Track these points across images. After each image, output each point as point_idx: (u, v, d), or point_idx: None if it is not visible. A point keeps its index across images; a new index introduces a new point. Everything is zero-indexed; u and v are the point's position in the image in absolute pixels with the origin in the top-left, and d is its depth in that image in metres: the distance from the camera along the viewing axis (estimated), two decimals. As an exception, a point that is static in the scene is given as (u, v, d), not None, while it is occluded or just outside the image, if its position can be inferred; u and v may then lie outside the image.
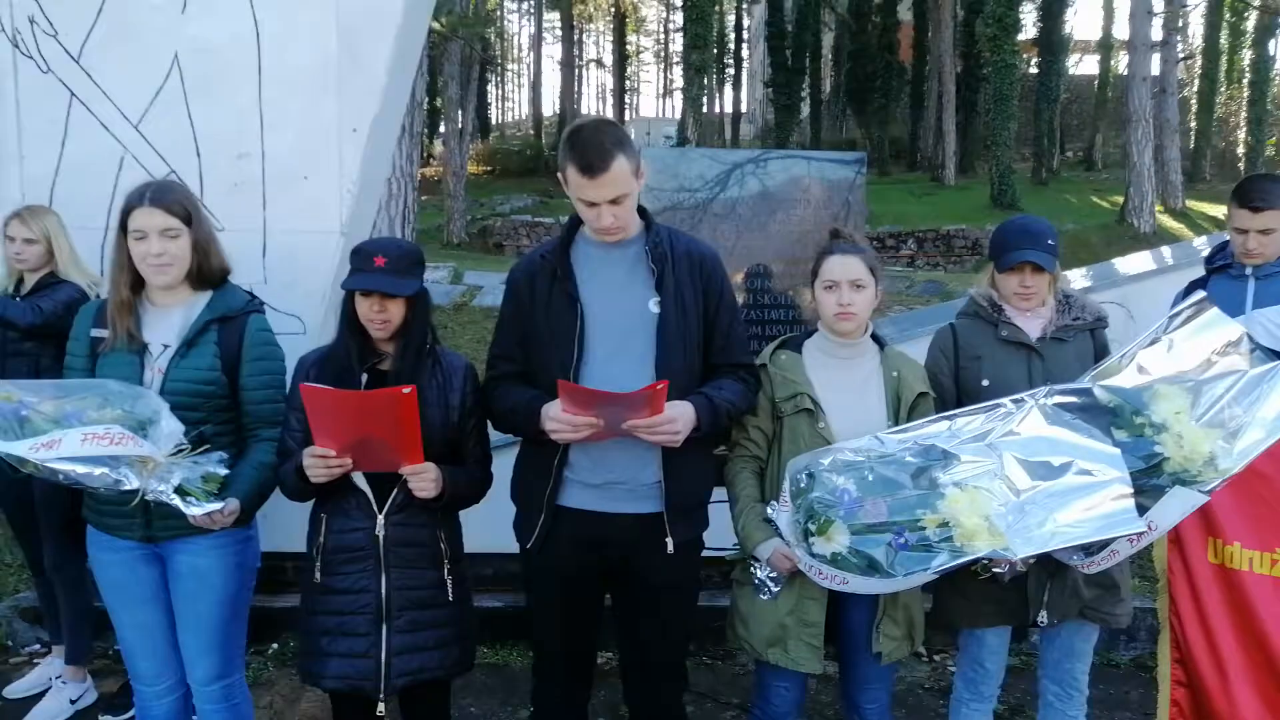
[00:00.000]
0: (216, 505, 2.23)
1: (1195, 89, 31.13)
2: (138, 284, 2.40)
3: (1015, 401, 2.26)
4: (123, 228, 2.38)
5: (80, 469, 2.11)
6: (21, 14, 3.66)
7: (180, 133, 3.76)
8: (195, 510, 2.20)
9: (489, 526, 2.63)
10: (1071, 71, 32.48)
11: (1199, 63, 31.06)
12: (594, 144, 2.21)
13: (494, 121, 46.20)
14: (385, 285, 2.23)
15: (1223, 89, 30.63)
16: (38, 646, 3.97)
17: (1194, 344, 2.27)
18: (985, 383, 2.53)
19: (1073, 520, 2.06)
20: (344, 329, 2.33)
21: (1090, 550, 2.19)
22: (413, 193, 13.40)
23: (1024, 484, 2.14)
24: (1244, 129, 28.97)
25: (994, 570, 2.25)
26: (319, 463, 2.18)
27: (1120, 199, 20.81)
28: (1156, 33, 21.02)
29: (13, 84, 3.71)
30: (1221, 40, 30.05)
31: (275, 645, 3.92)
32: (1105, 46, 32.17)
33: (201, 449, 2.28)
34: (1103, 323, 2.63)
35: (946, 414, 2.33)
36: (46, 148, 3.74)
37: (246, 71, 3.73)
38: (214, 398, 2.39)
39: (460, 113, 21.17)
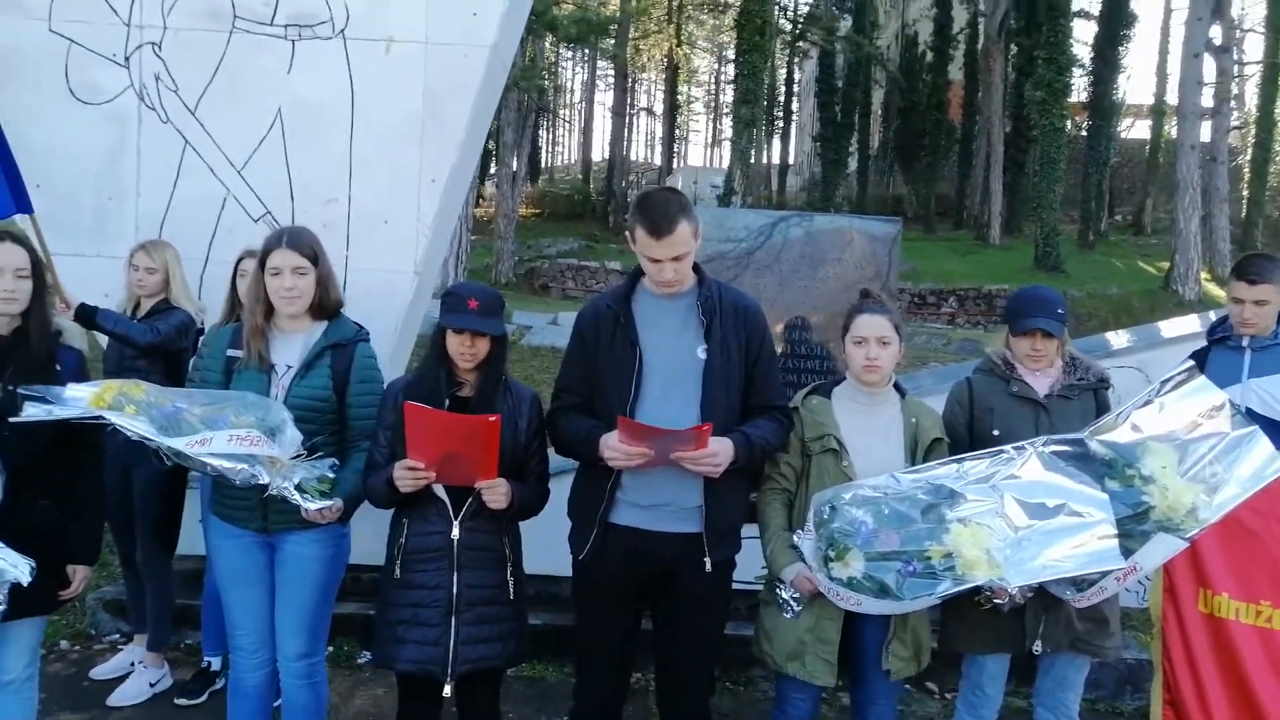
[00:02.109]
0: (328, 502, 2.62)
1: (1249, 157, 30.98)
2: (268, 313, 2.81)
3: (1017, 448, 2.56)
4: (261, 265, 2.79)
5: (226, 464, 2.51)
6: (149, 72, 4.13)
7: (278, 178, 4.19)
8: (310, 505, 2.59)
9: (535, 548, 2.93)
10: (1124, 135, 32.52)
11: (1253, 131, 30.95)
12: (661, 210, 2.57)
13: (544, 165, 47.25)
14: (478, 325, 2.59)
15: (1277, 158, 30.44)
16: (117, 636, 4.34)
17: (1182, 407, 2.54)
18: (996, 433, 2.82)
19: (1062, 556, 2.34)
20: (433, 359, 2.69)
21: (1081, 585, 2.44)
22: (466, 233, 13.88)
23: (1022, 522, 2.42)
24: (1298, 199, 28.76)
25: (995, 601, 2.51)
26: (409, 474, 2.52)
27: (1167, 265, 20.82)
28: (1207, 100, 21.14)
29: (136, 132, 4.17)
30: (1277, 109, 29.95)
31: (332, 648, 4.24)
32: (1158, 112, 32.19)
33: (316, 455, 2.67)
34: (1105, 384, 2.91)
35: (956, 457, 2.62)
36: (160, 188, 4.19)
37: (340, 125, 4.16)
38: (325, 413, 2.78)
39: (514, 157, 21.84)
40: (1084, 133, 27.58)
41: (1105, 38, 26.46)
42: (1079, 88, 27.13)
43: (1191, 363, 2.67)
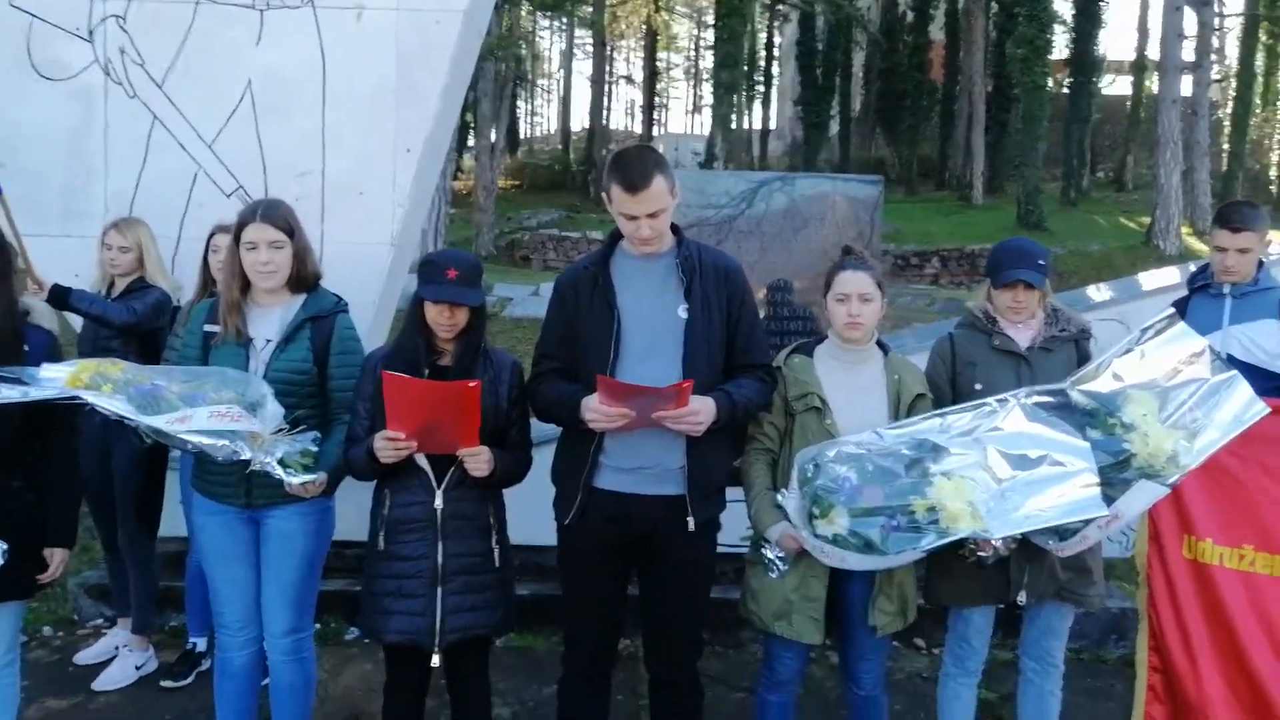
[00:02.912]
0: (310, 477, 2.60)
1: (1229, 111, 31.00)
2: (245, 287, 2.77)
3: (1000, 400, 2.55)
4: (236, 240, 2.75)
5: (207, 440, 2.49)
6: (114, 45, 4.05)
7: (249, 152, 4.13)
8: (294, 479, 2.57)
9: (519, 519, 2.92)
10: (1104, 92, 32.43)
11: (1233, 85, 30.95)
12: (637, 165, 2.55)
13: (522, 136, 46.81)
14: (457, 295, 2.57)
15: (1257, 111, 30.49)
16: (100, 621, 4.33)
17: (1163, 354, 2.54)
18: (979, 387, 2.81)
19: (1045, 506, 2.35)
20: (411, 329, 2.66)
21: (1064, 535, 2.45)
22: (445, 206, 13.77)
23: (1004, 473, 2.42)
24: (1277, 151, 28.82)
25: (979, 554, 2.52)
26: (389, 445, 2.50)
27: (1148, 220, 20.88)
28: (1188, 55, 21.09)
29: (102, 108, 4.10)
30: (1257, 62, 29.94)
31: (317, 625, 4.23)
32: (1139, 67, 32.07)
33: (298, 429, 2.64)
34: (1086, 335, 2.91)
35: (939, 411, 2.62)
36: (129, 165, 4.12)
37: (312, 97, 4.10)
38: (306, 385, 2.76)
39: (492, 129, 21.63)
40: (1065, 90, 27.47)
41: (1085, -8, 26.31)
42: (1060, 44, 27.01)
43: (1172, 310, 2.67)
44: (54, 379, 2.52)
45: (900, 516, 2.37)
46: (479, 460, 2.55)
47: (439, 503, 2.61)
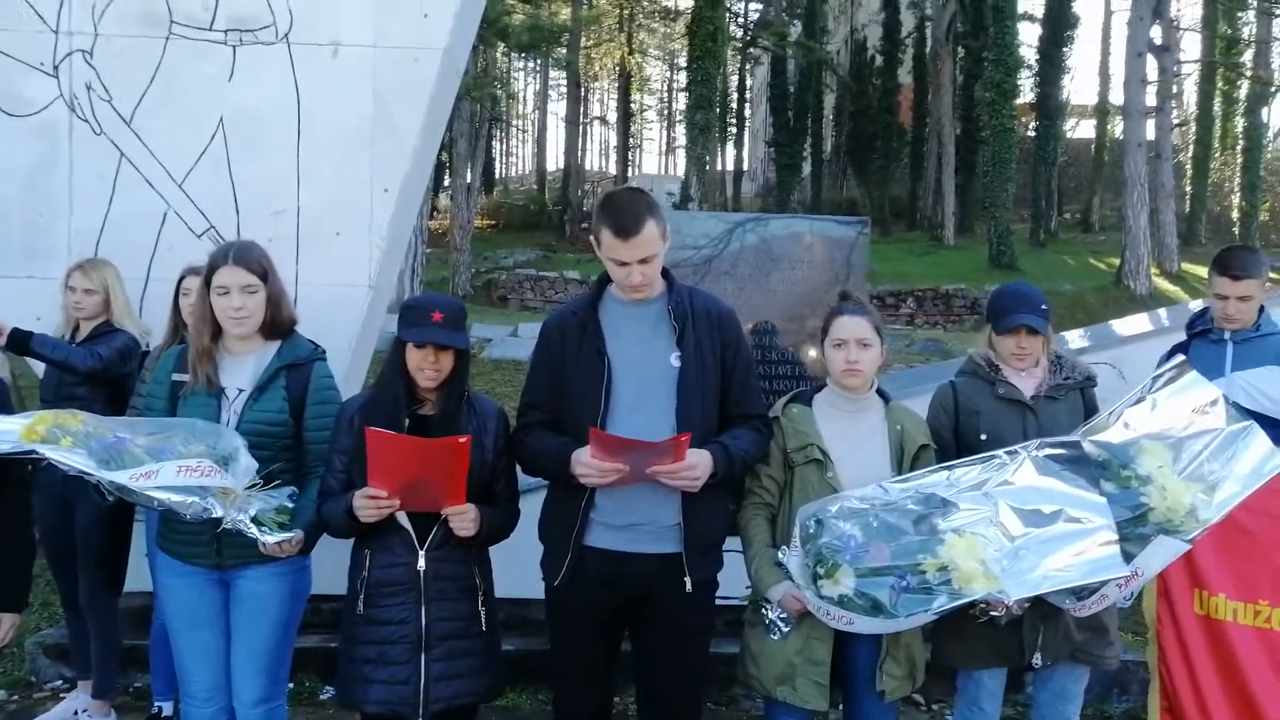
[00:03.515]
0: (288, 535, 2.44)
1: (1190, 154, 31.72)
2: (216, 333, 2.62)
3: (1009, 453, 2.45)
4: (206, 283, 2.60)
5: (175, 497, 2.33)
6: (80, 81, 3.92)
7: (221, 190, 3.99)
8: (269, 538, 2.41)
9: (505, 571, 2.78)
10: (1069, 135, 33.11)
11: (1193, 129, 31.70)
12: (628, 209, 2.44)
13: (498, 176, 46.92)
14: (442, 338, 2.43)
15: (1217, 154, 31.23)
16: (60, 683, 4.08)
17: (1175, 404, 2.46)
18: (983, 437, 2.71)
19: (1062, 565, 2.23)
20: (391, 375, 2.52)
21: (1081, 594, 2.34)
22: (422, 246, 13.66)
23: (1017, 530, 2.31)
24: (1238, 194, 29.48)
25: (991, 614, 2.40)
26: (370, 504, 2.35)
27: (1117, 261, 21.17)
28: (1151, 99, 21.56)
29: (67, 144, 3.96)
30: (1215, 107, 30.73)
31: (292, 684, 4.02)
32: (1102, 111, 32.83)
33: (273, 484, 2.48)
34: (1091, 382, 2.82)
35: (946, 464, 2.51)
36: (95, 204, 3.97)
37: (286, 134, 3.97)
38: (281, 438, 2.60)
39: (468, 168, 21.60)
40: (1031, 133, 28.00)
41: (1050, 39, 26.92)
42: (1025, 89, 27.59)
43: (1182, 357, 2.59)
44: (8, 431, 2.38)
45: (910, 576, 2.25)
46: (465, 519, 2.40)
47: (422, 564, 2.45)
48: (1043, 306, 2.74)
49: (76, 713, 3.70)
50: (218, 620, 2.64)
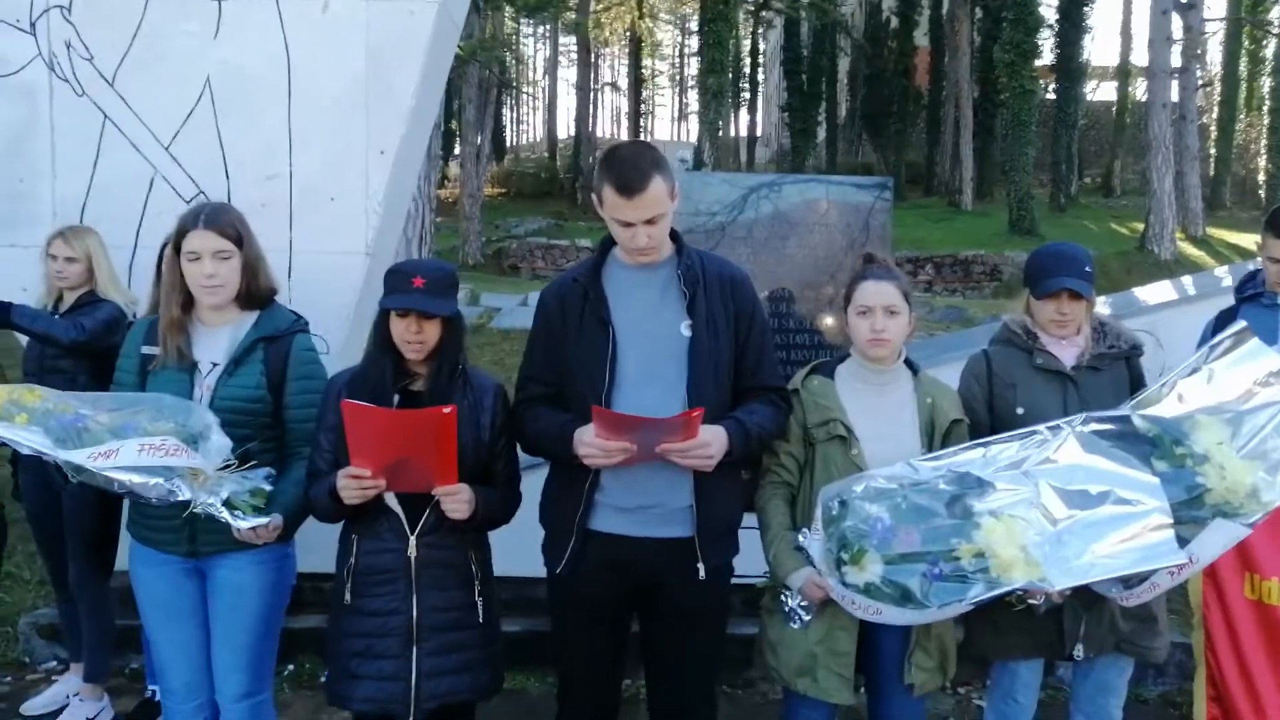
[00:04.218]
0: (263, 520, 2.26)
1: (1215, 116, 31.04)
2: (188, 303, 2.43)
3: (1051, 429, 2.24)
4: (176, 249, 2.40)
5: (136, 478, 2.14)
6: (59, 39, 3.72)
7: (210, 154, 3.80)
8: (242, 524, 2.23)
9: (509, 549, 2.63)
10: (1090, 98, 32.45)
11: (1218, 89, 31.00)
12: (632, 165, 2.22)
13: (509, 144, 46.51)
14: (424, 305, 2.23)
15: (1242, 116, 30.54)
16: (54, 664, 3.97)
17: (1234, 374, 2.24)
18: (1020, 410, 2.51)
19: (1111, 551, 2.04)
20: (377, 348, 2.34)
21: (1130, 582, 2.15)
22: (430, 214, 13.51)
23: (1060, 513, 2.11)
24: (1264, 156, 28.84)
25: (1029, 602, 2.21)
26: (354, 483, 2.17)
27: (1140, 225, 20.75)
28: (1176, 60, 21.00)
29: (48, 106, 3.76)
30: (1241, 67, 30.00)
31: (292, 666, 3.90)
32: (1123, 73, 32.15)
33: (249, 465, 2.30)
34: (1138, 351, 2.61)
35: (981, 441, 2.31)
36: (79, 168, 3.79)
37: (276, 94, 3.77)
38: (259, 415, 2.41)
39: (478, 135, 21.32)
40: (1051, 96, 27.39)
41: (1070, -1, 26.25)
42: (1045, 50, 26.96)
43: (1243, 324, 2.36)
44: None
45: (943, 563, 2.06)
46: (458, 500, 2.21)
47: (413, 550, 2.27)
48: (1086, 269, 2.51)
49: (69, 697, 3.58)
50: (195, 612, 2.46)
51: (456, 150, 25.87)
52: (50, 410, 2.19)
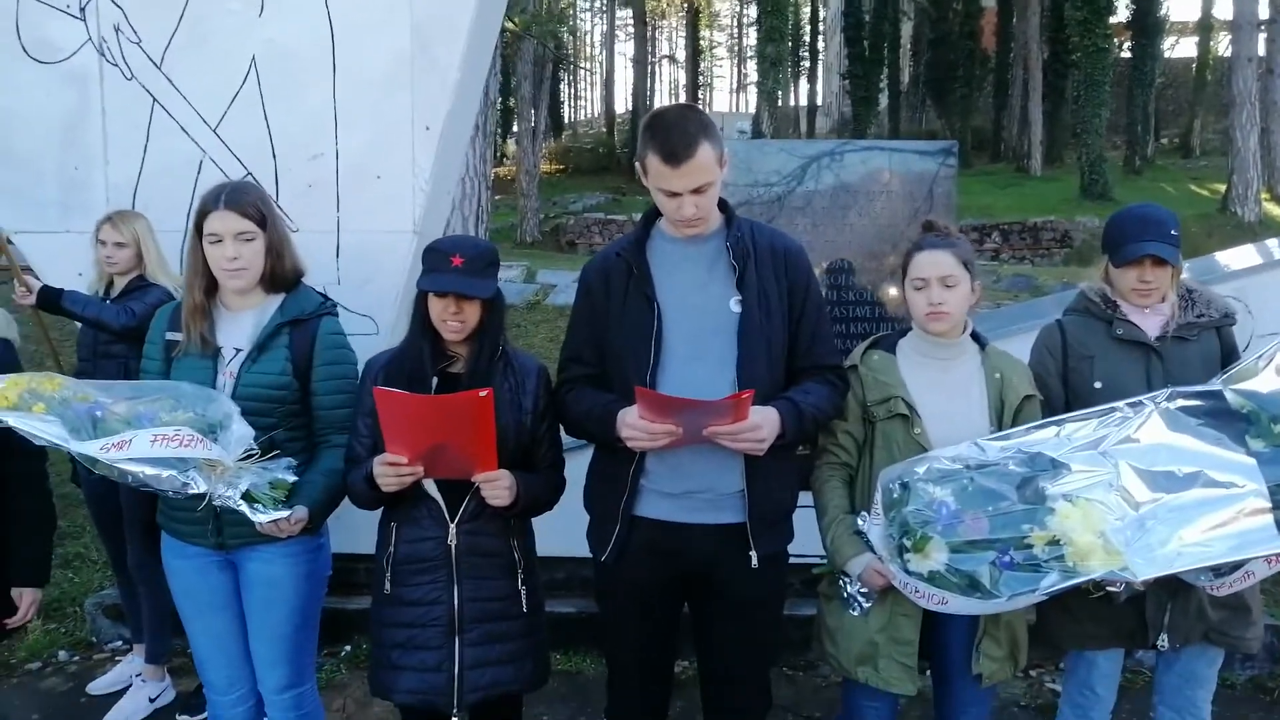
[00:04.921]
0: (283, 513, 2.18)
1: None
2: (211, 287, 2.37)
3: (1132, 405, 2.07)
4: (198, 231, 2.34)
5: (148, 470, 2.08)
6: (108, 23, 3.71)
7: (257, 135, 3.77)
8: (262, 517, 2.16)
9: (561, 530, 2.55)
10: (1168, 54, 31.09)
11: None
12: (678, 130, 2.09)
13: (566, 120, 46.43)
14: (462, 286, 2.15)
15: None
16: (120, 643, 4.04)
17: (1342, 344, 2.04)
18: (1098, 385, 2.34)
19: (1201, 538, 1.87)
20: (416, 330, 2.26)
21: (1220, 570, 1.98)
22: (486, 192, 13.51)
23: (1143, 496, 1.95)
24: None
25: (1108, 589, 2.06)
26: (390, 470, 2.10)
27: (1221, 187, 19.83)
28: (1263, 11, 19.92)
29: (99, 91, 3.77)
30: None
31: (349, 648, 3.91)
32: (1204, 28, 30.67)
33: (271, 455, 2.23)
34: (1230, 320, 2.41)
35: (1055, 419, 2.15)
36: (130, 153, 3.79)
37: (321, 71, 3.72)
38: (285, 403, 2.34)
39: (533, 111, 21.26)
40: (1126, 54, 26.28)
41: (1148, -51, 25.11)
42: (1120, 7, 25.84)
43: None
44: None
45: (1014, 551, 1.92)
46: (498, 486, 2.13)
47: (453, 538, 2.20)
48: (1172, 232, 2.32)
49: (132, 678, 3.63)
50: (228, 604, 2.42)
51: (514, 128, 25.89)
52: (68, 399, 2.13)
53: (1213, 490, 1.91)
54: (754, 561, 2.21)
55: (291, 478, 2.23)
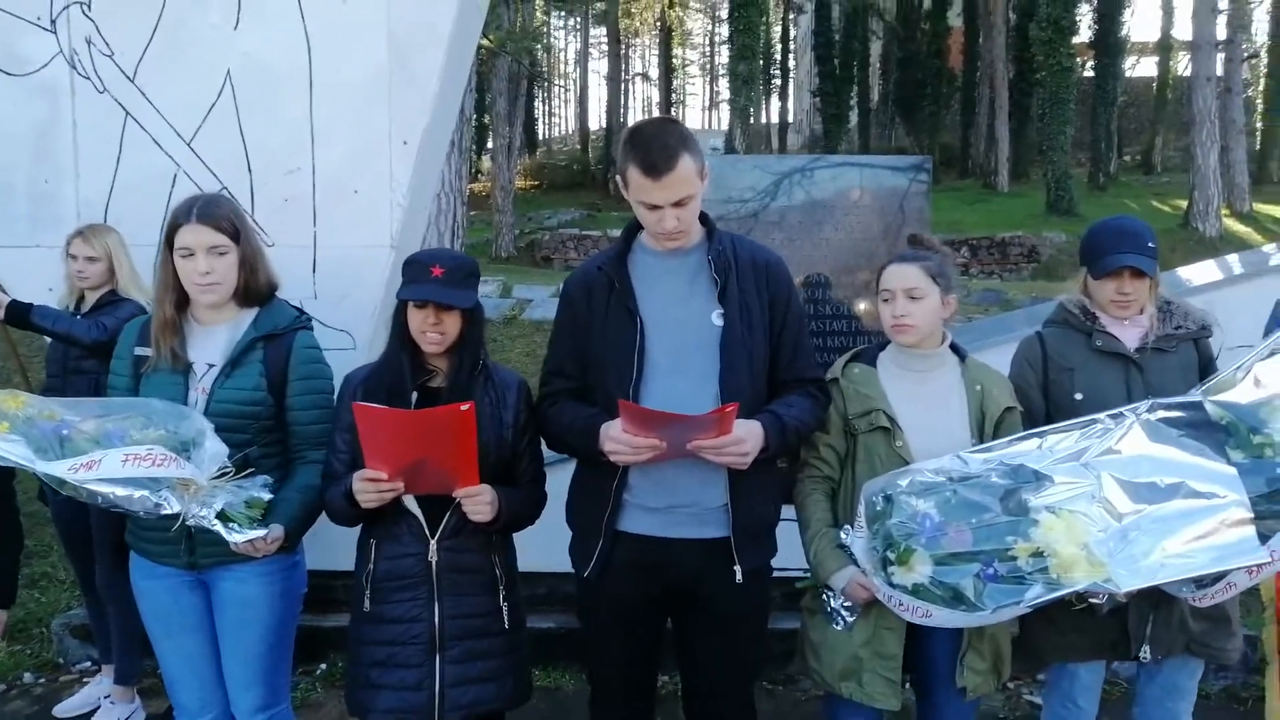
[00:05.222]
0: (260, 532, 2.14)
1: (1261, 88, 30.14)
2: (182, 301, 2.32)
3: (1113, 417, 2.09)
4: (169, 244, 2.29)
5: (120, 491, 2.02)
6: (79, 35, 3.66)
7: (232, 148, 3.73)
8: (237, 537, 2.11)
9: (542, 545, 2.53)
10: (1129, 73, 31.70)
11: (1264, 61, 30.07)
12: (658, 143, 2.09)
13: (541, 136, 46.47)
14: (442, 296, 2.13)
15: (1289, 87, 29.57)
16: (88, 664, 3.95)
17: (1318, 356, 2.07)
18: (1079, 396, 2.36)
19: (1184, 549, 1.88)
20: (394, 344, 2.24)
21: (1203, 582, 2.00)
22: (462, 207, 13.44)
23: (1125, 508, 1.96)
24: (1313, 129, 27.93)
25: (1091, 601, 2.07)
26: (370, 486, 2.07)
27: (1183, 203, 20.20)
28: (1221, 32, 20.39)
29: (70, 104, 3.71)
30: (1288, 37, 29.03)
31: (324, 666, 3.85)
32: (1164, 47, 31.34)
33: (246, 473, 2.18)
34: (1207, 331, 2.44)
35: (1036, 431, 2.16)
36: (102, 166, 3.74)
37: (298, 85, 3.69)
38: (260, 419, 2.29)
39: (508, 128, 21.26)
40: (1089, 73, 26.79)
41: (1110, -29, 25.62)
42: (1082, 27, 26.33)
43: (1324, 300, 2.19)
44: None
45: (998, 563, 1.92)
46: (480, 502, 2.11)
47: (434, 554, 2.18)
48: (1149, 244, 2.35)
49: (101, 699, 3.55)
50: (200, 626, 2.36)
51: (489, 144, 25.86)
52: (33, 418, 2.08)
53: (1194, 501, 1.92)
54: (738, 576, 2.20)
55: (267, 495, 2.19)
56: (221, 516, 2.09)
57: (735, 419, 2.06)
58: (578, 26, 45.09)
